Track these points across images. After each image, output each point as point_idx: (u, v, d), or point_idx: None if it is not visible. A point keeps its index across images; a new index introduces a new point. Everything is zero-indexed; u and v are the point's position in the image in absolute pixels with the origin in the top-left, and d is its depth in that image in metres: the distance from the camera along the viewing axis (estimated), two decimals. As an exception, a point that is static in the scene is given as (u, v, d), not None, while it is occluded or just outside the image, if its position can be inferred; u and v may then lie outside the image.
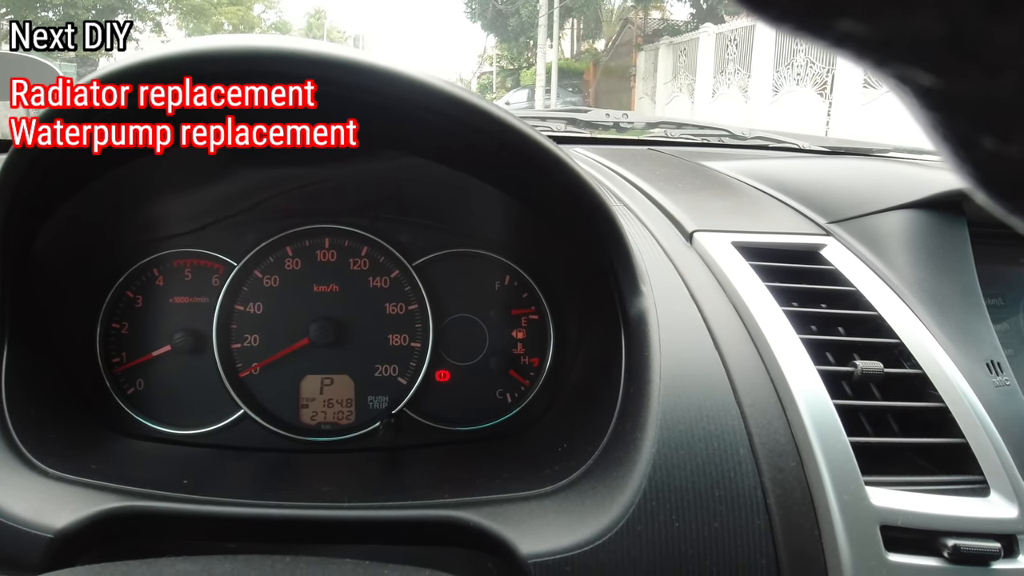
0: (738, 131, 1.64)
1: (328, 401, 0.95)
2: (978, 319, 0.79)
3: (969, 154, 0.19)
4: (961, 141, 0.19)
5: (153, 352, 0.94)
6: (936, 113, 0.18)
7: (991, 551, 0.60)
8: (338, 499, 0.69)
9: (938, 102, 0.18)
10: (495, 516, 0.63)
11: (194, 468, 0.84)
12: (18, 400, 0.72)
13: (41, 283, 0.81)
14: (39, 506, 0.63)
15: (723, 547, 0.59)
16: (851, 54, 0.18)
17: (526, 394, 0.96)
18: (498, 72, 33.13)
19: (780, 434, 0.64)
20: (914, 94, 0.18)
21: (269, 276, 0.96)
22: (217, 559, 0.55)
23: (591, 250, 0.76)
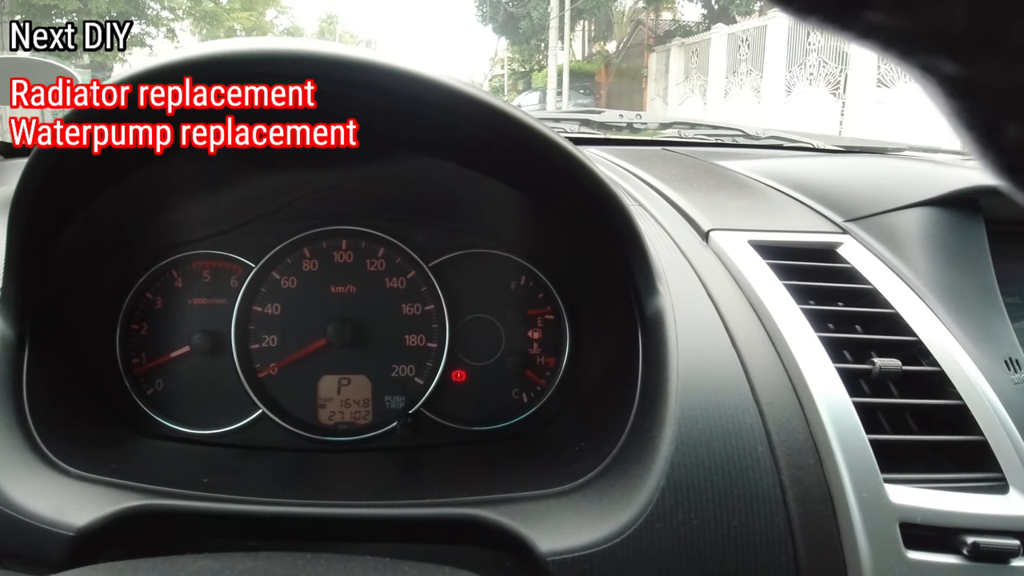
0: (752, 131, 1.64)
1: (345, 401, 0.96)
2: (996, 316, 0.78)
3: (993, 141, 0.19)
4: (985, 129, 0.19)
5: (172, 353, 0.95)
6: (960, 101, 0.19)
7: (1011, 548, 0.59)
8: (357, 498, 0.69)
9: (962, 90, 0.18)
10: (513, 514, 0.64)
11: (213, 467, 0.85)
12: (40, 400, 0.73)
13: (62, 285, 0.82)
14: (60, 504, 0.64)
15: (742, 545, 0.59)
16: (877, 45, 0.19)
17: (542, 394, 0.97)
18: (510, 75, 33.18)
19: (798, 432, 0.64)
20: (938, 83, 0.18)
21: (287, 277, 0.97)
22: (239, 556, 0.55)
23: (607, 250, 0.76)
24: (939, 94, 0.19)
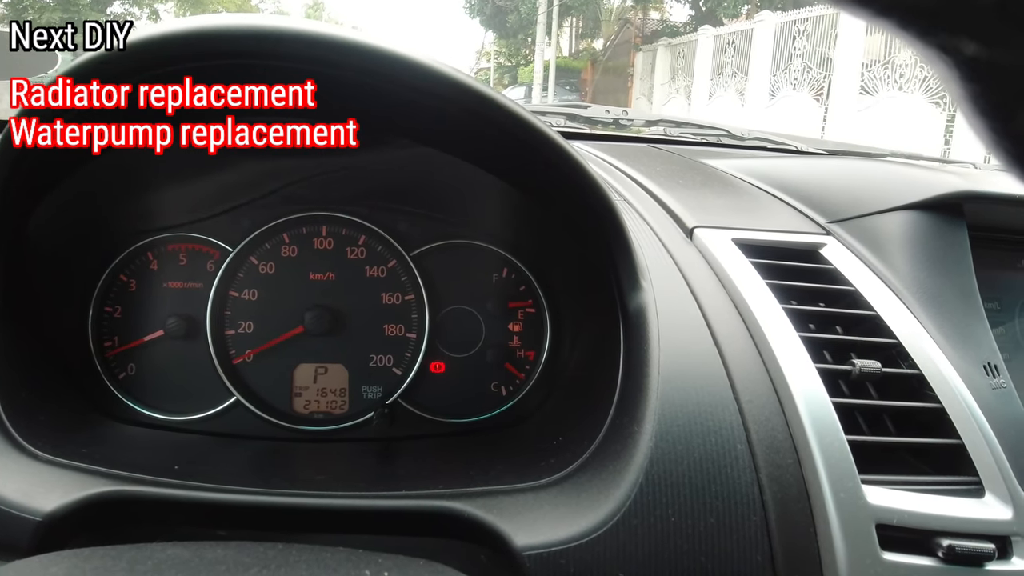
0: (737, 131, 1.64)
1: (322, 390, 0.95)
2: (976, 321, 0.79)
3: (1007, 128, 0.18)
4: (999, 114, 0.18)
5: (145, 337, 0.93)
6: (977, 84, 0.18)
7: (985, 552, 0.60)
8: (331, 488, 0.68)
9: (980, 72, 0.18)
10: (489, 508, 0.63)
11: (185, 454, 0.84)
12: (9, 382, 0.72)
13: (34, 265, 0.80)
14: (28, 489, 0.63)
15: (719, 542, 0.59)
16: (896, 23, 0.18)
17: (521, 387, 0.96)
18: (496, 68, 33.10)
19: (778, 431, 0.64)
20: (956, 65, 0.18)
21: (265, 263, 0.96)
22: (209, 545, 0.54)
23: (591, 243, 0.76)
24: (955, 76, 0.18)
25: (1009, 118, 0.18)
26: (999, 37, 0.17)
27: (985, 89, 0.18)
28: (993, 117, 0.18)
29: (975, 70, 0.18)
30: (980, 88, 0.18)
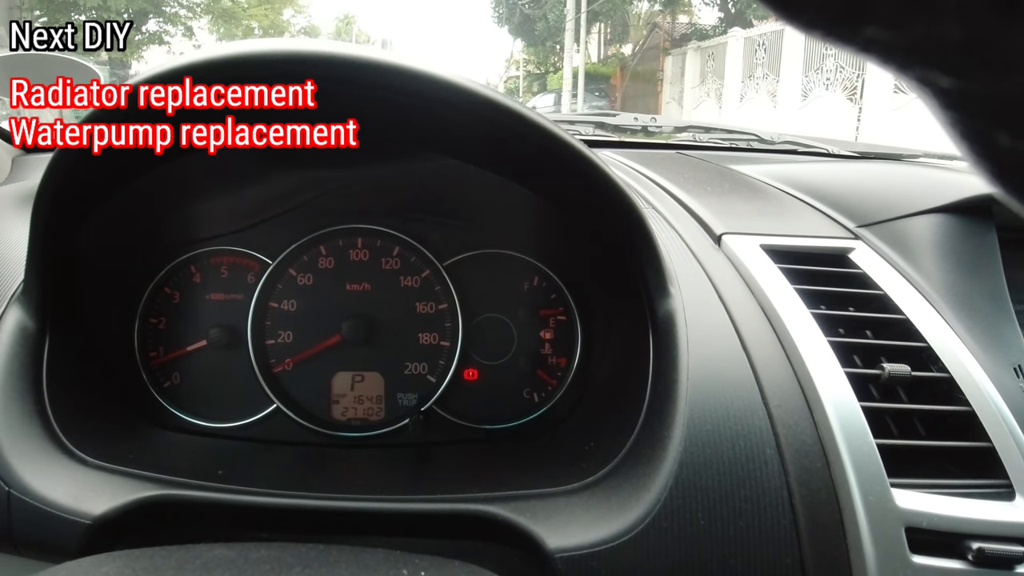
0: (767, 135, 1.64)
1: (359, 398, 0.97)
2: (1006, 324, 0.78)
3: (986, 150, 0.20)
4: (978, 138, 0.20)
5: (189, 347, 0.96)
6: (954, 112, 0.19)
7: (1016, 555, 0.60)
8: (368, 492, 0.70)
9: (956, 101, 0.19)
10: (522, 511, 0.64)
11: (228, 460, 0.86)
12: (59, 391, 0.75)
13: (83, 278, 0.83)
14: (77, 493, 0.66)
15: (748, 546, 0.60)
16: (876, 58, 0.20)
17: (553, 394, 0.97)
18: (525, 76, 33.17)
19: (807, 435, 0.64)
20: (934, 95, 0.19)
21: (303, 274, 0.98)
22: (253, 546, 0.56)
23: (620, 252, 0.77)
24: (935, 105, 0.20)
25: (986, 143, 0.19)
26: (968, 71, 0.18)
27: (961, 117, 0.19)
28: (972, 141, 0.20)
29: (952, 99, 0.19)
30: (957, 116, 0.19)
